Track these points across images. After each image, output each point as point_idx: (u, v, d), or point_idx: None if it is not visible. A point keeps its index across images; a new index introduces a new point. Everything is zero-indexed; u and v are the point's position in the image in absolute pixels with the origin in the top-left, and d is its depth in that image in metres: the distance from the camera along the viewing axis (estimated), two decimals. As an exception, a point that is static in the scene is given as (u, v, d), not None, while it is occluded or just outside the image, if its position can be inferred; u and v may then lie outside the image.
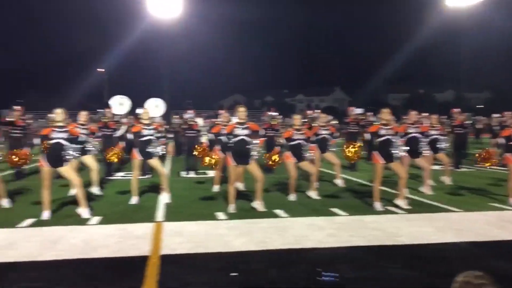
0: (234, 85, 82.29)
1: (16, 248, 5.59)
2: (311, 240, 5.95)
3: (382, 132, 8.05)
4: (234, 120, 9.94)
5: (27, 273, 4.73)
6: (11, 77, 65.60)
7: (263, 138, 8.27)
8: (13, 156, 7.74)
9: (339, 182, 10.68)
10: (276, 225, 6.78)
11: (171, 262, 5.06)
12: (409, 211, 7.79)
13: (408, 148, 8.62)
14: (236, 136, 7.82)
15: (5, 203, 8.26)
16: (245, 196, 9.00)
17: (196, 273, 4.73)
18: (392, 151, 7.93)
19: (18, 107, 12.09)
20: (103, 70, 60.70)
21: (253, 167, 7.85)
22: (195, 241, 5.88)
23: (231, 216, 7.42)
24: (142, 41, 52.02)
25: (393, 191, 8.99)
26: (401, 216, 7.46)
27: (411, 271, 4.84)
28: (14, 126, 11.85)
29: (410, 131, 9.55)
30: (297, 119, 9.12)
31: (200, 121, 16.31)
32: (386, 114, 8.17)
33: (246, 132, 7.85)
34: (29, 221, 7.06)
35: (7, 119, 11.81)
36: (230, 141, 7.86)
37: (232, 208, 7.82)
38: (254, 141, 7.85)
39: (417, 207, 8.10)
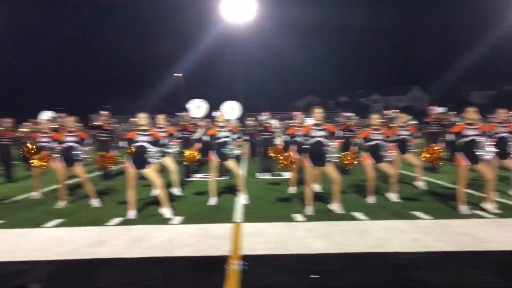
0: (307, 86, 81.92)
1: (106, 246, 5.92)
2: (393, 244, 5.76)
3: (468, 132, 7.63)
4: (310, 121, 9.88)
5: (117, 269, 4.99)
6: (96, 83, 69.83)
7: (340, 140, 8.12)
8: (103, 158, 8.20)
9: (420, 184, 10.28)
10: (356, 228, 6.64)
11: (251, 263, 5.11)
12: (498, 215, 7.32)
13: (496, 149, 8.10)
14: (313, 137, 7.76)
15: (95, 202, 8.80)
16: (321, 198, 8.91)
17: (277, 274, 4.75)
18: (478, 152, 7.49)
19: (105, 112, 12.84)
20: (180, 74, 62.91)
21: (330, 169, 7.74)
22: (275, 242, 5.90)
23: (309, 218, 7.37)
24: (217, 45, 53.38)
25: (480, 194, 8.50)
26: (490, 221, 7.02)
27: (502, 279, 4.54)
28: (101, 130, 12.61)
29: (499, 130, 8.98)
30: (375, 118, 8.88)
31: (274, 122, 16.38)
32: (471, 113, 7.73)
33: (322, 133, 7.77)
34: (117, 220, 7.46)
35: (95, 123, 12.57)
36: (306, 143, 7.81)
37: (309, 210, 7.77)
38: (331, 143, 7.74)
39: (507, 211, 7.60)
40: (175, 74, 58.71)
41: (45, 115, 14.00)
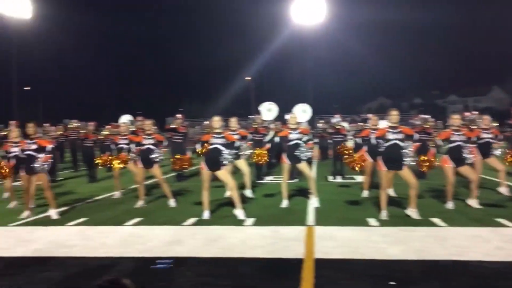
0: (379, 88, 79.80)
1: (183, 245, 6.12)
2: (476, 252, 5.47)
3: None
4: (383, 123, 9.64)
5: (194, 268, 5.13)
6: (171, 87, 72.37)
7: (417, 143, 7.84)
8: (179, 160, 8.48)
9: (503, 190, 9.68)
10: (435, 234, 6.38)
11: (325, 266, 5.07)
12: None
13: None
14: (388, 140, 7.56)
15: (172, 203, 9.12)
16: (396, 202, 8.66)
17: (352, 279, 4.67)
18: None
19: (180, 115, 13.28)
20: (249, 78, 63.77)
21: (406, 173, 7.50)
22: (349, 247, 5.82)
23: (383, 223, 7.19)
24: (287, 48, 53.52)
25: None
26: None
27: None
28: (176, 132, 13.05)
29: None
30: (455, 118, 8.45)
31: (346, 125, 16.14)
32: None
33: (399, 136, 7.55)
34: (192, 220, 7.69)
35: (171, 126, 13.03)
36: (382, 146, 7.63)
37: (384, 214, 7.57)
38: (408, 146, 7.48)
39: None
40: (246, 78, 59.64)
41: (124, 119, 14.72)
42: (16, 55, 38.49)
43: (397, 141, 7.52)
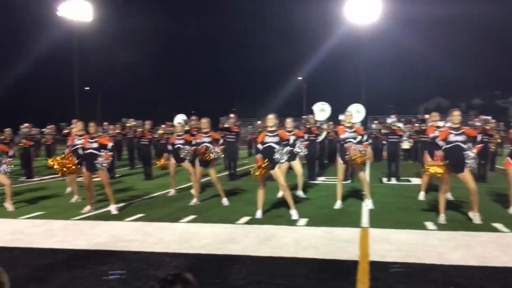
0: (436, 87, 77.31)
1: (237, 243, 6.20)
2: (543, 261, 5.21)
3: None
4: (441, 124, 9.36)
5: (248, 266, 5.19)
6: (222, 88, 73.40)
7: (479, 145, 7.54)
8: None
9: None
10: (497, 240, 6.13)
11: (381, 269, 4.99)
12: None
13: None
14: (450, 142, 7.31)
15: (225, 201, 9.26)
16: (454, 206, 8.38)
17: (409, 283, 4.57)
18: None
19: (233, 115, 13.46)
20: (301, 78, 63.54)
21: (467, 176, 7.22)
22: (405, 250, 5.69)
23: (442, 227, 6.98)
24: (340, 47, 52.91)
25: None
26: None
27: None
28: (229, 131, 13.23)
29: None
30: None
31: (401, 126, 15.76)
32: None
33: (461, 138, 7.28)
34: (245, 218, 7.77)
35: (225, 125, 13.23)
36: (442, 148, 7.38)
37: (442, 218, 7.33)
38: (470, 148, 7.20)
39: None
40: (298, 78, 59.47)
41: (179, 118, 15.04)
42: (77, 56, 40.21)
43: (459, 143, 7.26)
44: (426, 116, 11.57)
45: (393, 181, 12.82)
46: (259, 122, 21.21)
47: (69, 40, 41.26)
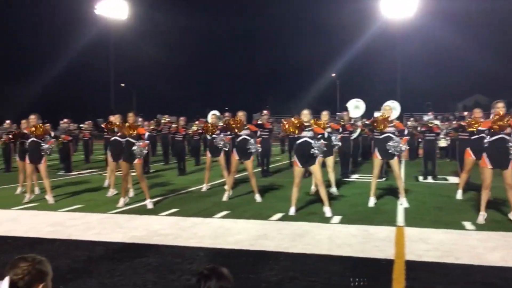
0: (474, 84, 75.16)
1: (270, 239, 6.21)
2: None
3: None
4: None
5: (281, 263, 5.19)
6: (254, 84, 73.59)
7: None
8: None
9: None
10: (540, 242, 5.93)
11: (417, 269, 4.91)
12: None
13: None
14: (494, 134, 7.01)
15: (258, 197, 9.28)
16: (494, 206, 8.13)
17: (447, 283, 4.48)
18: None
19: (266, 111, 13.46)
20: (334, 74, 63.01)
21: (510, 173, 6.95)
22: (443, 250, 5.57)
23: (481, 227, 6.79)
24: (375, 44, 52.15)
25: None
26: None
27: None
28: (262, 128, 13.23)
29: None
30: None
31: (438, 123, 15.42)
32: None
33: (506, 130, 6.98)
34: (278, 215, 7.77)
35: (258, 122, 13.24)
36: (486, 142, 7.14)
37: (482, 217, 7.12)
38: None
39: None
40: (332, 75, 59.00)
41: (212, 112, 15.13)
42: (113, 54, 41.06)
43: (504, 135, 6.95)
44: (465, 113, 11.29)
45: (430, 179, 12.56)
46: (292, 118, 21.15)
47: (106, 37, 42.17)
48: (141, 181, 8.83)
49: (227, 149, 10.30)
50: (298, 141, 7.84)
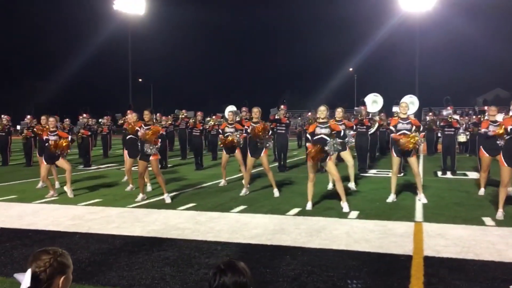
0: (495, 78, 73.83)
1: (287, 234, 6.21)
2: None
3: None
4: (500, 117, 8.95)
5: (299, 257, 5.19)
6: (273, 79, 73.48)
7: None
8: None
9: None
10: (562, 239, 5.82)
11: (436, 265, 4.85)
12: None
13: None
14: (510, 134, 6.96)
15: (276, 192, 9.28)
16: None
17: (466, 280, 4.42)
18: None
19: (283, 106, 13.44)
20: (351, 69, 62.54)
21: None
22: (462, 246, 5.51)
23: (500, 223, 6.68)
24: (393, 37, 51.58)
25: None
26: None
27: None
28: (279, 123, 13.24)
29: None
30: None
31: (457, 118, 15.21)
32: None
33: None
34: (295, 210, 7.77)
35: (275, 117, 13.24)
36: (505, 139, 7.03)
37: (500, 214, 7.02)
38: None
39: None
40: (349, 69, 58.56)
41: (230, 109, 15.17)
42: (131, 49, 41.38)
43: None
44: (485, 107, 11.10)
45: (449, 175, 12.42)
46: (309, 113, 21.06)
47: (124, 33, 42.51)
48: (157, 175, 8.87)
49: (240, 145, 10.35)
50: (314, 138, 7.78)
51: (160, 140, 8.88)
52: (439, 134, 16.11)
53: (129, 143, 10.32)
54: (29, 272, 1.95)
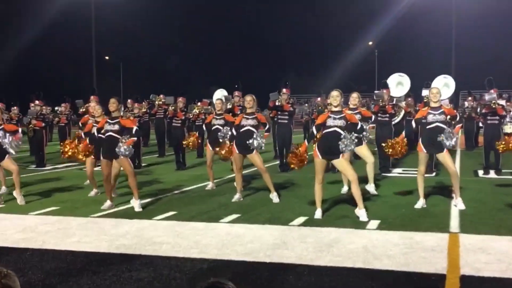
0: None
1: (291, 249, 6.24)
2: None
3: None
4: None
5: (305, 278, 5.22)
6: (272, 56, 73.29)
7: None
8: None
9: None
10: None
11: (475, 286, 4.90)
12: None
13: None
14: None
15: (275, 197, 9.29)
16: None
17: (513, 304, 4.46)
18: None
19: (285, 90, 13.43)
20: (371, 43, 62.40)
21: None
22: (508, 263, 5.54)
23: (557, 234, 6.74)
24: (423, 3, 51.44)
25: None
26: None
27: None
28: (281, 111, 13.25)
29: None
30: None
31: (503, 103, 15.24)
32: None
33: None
34: (301, 219, 7.80)
35: (276, 103, 13.24)
36: None
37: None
38: None
39: None
40: (369, 43, 58.42)
41: (219, 94, 15.11)
42: (95, 20, 41.32)
43: None
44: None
45: (492, 174, 12.48)
46: (318, 99, 21.07)
47: (87, 1, 42.40)
48: (130, 176, 8.81)
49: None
50: (326, 131, 7.79)
51: (135, 138, 8.80)
52: (481, 124, 16.12)
53: (93, 140, 10.27)
54: (-35, 297, 1.94)
